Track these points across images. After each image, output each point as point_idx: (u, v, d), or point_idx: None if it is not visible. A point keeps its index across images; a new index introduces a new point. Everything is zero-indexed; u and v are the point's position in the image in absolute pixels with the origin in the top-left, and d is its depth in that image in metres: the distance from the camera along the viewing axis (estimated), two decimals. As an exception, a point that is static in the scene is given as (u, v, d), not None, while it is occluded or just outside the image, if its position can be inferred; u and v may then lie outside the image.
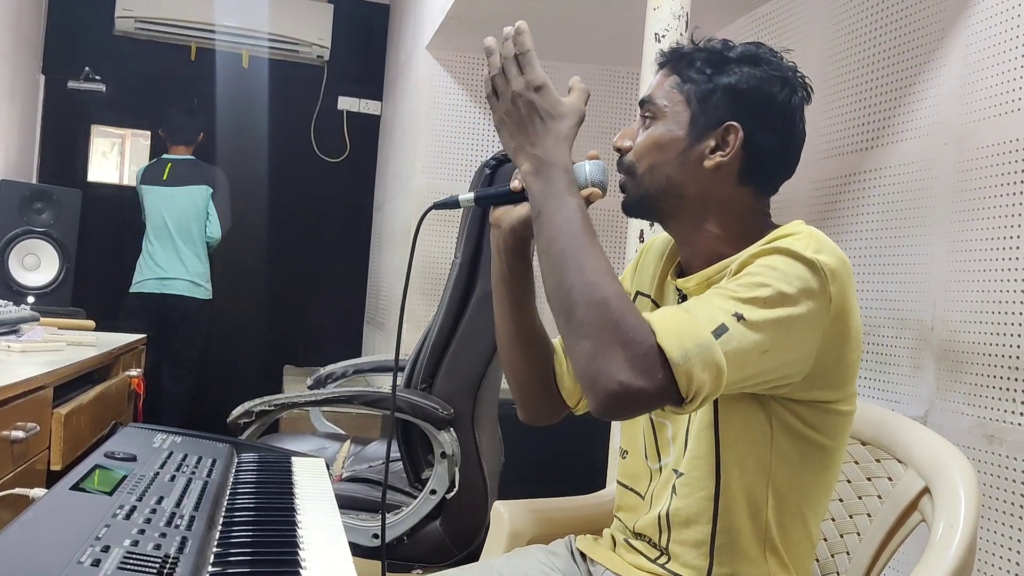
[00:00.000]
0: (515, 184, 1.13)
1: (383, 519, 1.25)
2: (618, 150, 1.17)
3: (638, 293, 1.28)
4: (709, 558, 1.11)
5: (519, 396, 1.29)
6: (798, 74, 1.14)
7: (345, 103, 4.99)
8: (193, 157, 4.33)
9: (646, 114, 1.15)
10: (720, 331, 0.94)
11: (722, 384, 0.94)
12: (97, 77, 4.57)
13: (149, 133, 4.80)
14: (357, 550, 1.79)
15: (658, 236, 1.31)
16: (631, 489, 1.24)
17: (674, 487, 1.14)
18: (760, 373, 0.99)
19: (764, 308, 0.96)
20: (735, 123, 1.10)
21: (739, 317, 0.95)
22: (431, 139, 3.59)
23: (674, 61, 1.16)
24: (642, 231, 1.67)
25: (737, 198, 1.13)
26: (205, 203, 4.26)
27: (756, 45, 1.15)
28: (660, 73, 1.18)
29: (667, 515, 1.14)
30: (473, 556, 1.92)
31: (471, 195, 1.17)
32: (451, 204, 1.16)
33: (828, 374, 1.05)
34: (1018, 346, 1.58)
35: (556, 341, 1.30)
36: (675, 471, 1.15)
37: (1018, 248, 1.60)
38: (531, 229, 1.12)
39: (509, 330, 1.24)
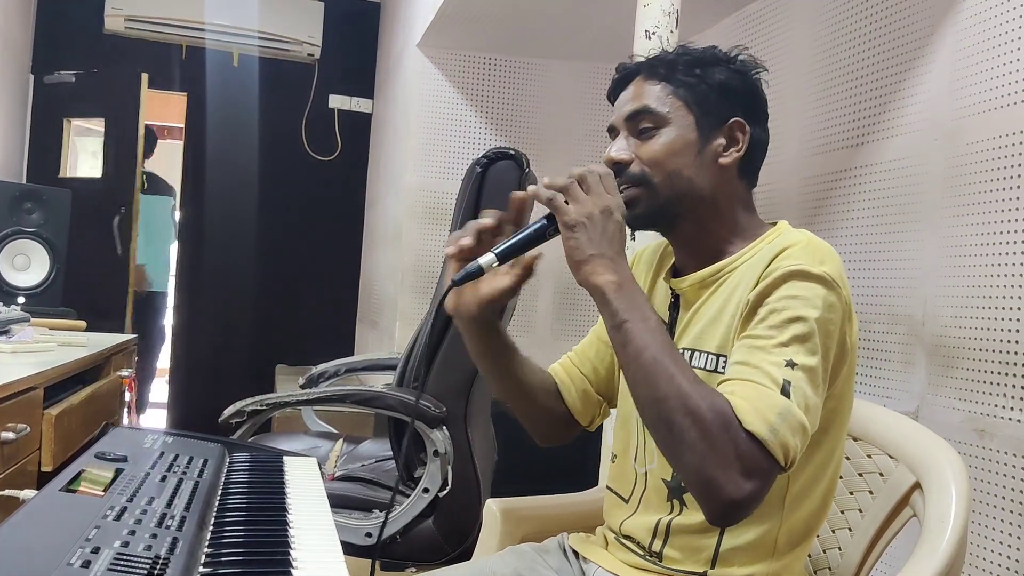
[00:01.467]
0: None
1: (387, 515, 1.25)
2: (617, 163, 1.15)
3: None
4: (712, 562, 1.11)
5: (532, 429, 1.31)
6: (757, 64, 1.19)
7: (336, 101, 4.98)
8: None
9: (645, 124, 1.14)
10: (786, 388, 0.97)
11: (808, 437, 0.98)
12: (66, 72, 4.53)
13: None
14: (350, 549, 1.78)
15: (648, 246, 1.33)
16: (615, 492, 1.25)
17: (682, 500, 1.14)
18: (822, 399, 1.02)
19: (806, 343, 1.00)
20: (740, 119, 1.14)
21: (792, 364, 0.98)
22: (422, 137, 3.59)
23: (652, 68, 1.16)
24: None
25: (738, 193, 1.17)
26: (170, 211, 4.96)
27: (712, 47, 1.18)
28: (637, 83, 1.17)
29: (668, 525, 1.14)
30: (466, 554, 1.92)
31: (492, 256, 1.06)
32: (475, 274, 1.06)
33: (840, 364, 1.08)
34: (1009, 341, 1.58)
35: (553, 368, 1.32)
36: (664, 480, 1.16)
37: (1008, 243, 1.60)
38: (495, 304, 1.11)
39: (508, 389, 1.25)
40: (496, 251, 1.06)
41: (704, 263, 1.15)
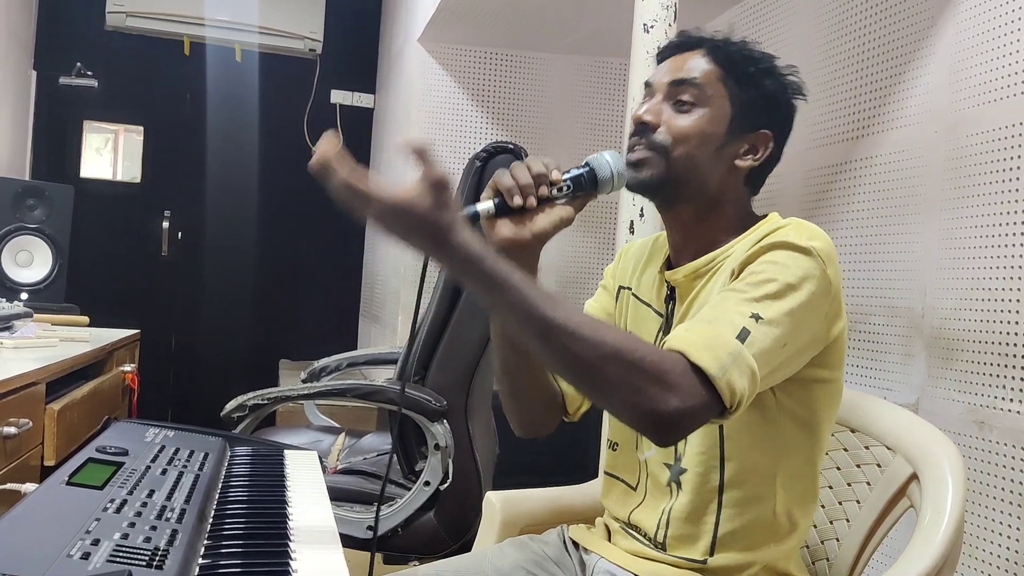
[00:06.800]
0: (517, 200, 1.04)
1: (378, 510, 1.26)
2: (643, 123, 1.14)
3: (620, 287, 1.30)
4: (711, 548, 1.12)
5: (524, 416, 1.26)
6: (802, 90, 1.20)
7: (338, 96, 4.97)
8: None
9: (685, 96, 1.13)
10: (743, 335, 0.96)
11: (757, 386, 0.96)
12: (89, 72, 4.56)
13: (142, 128, 4.79)
14: (351, 542, 1.79)
15: (635, 241, 1.35)
16: (621, 480, 1.25)
17: (678, 483, 1.15)
18: (782, 364, 1.02)
19: (776, 302, 0.99)
20: (768, 132, 1.16)
21: (757, 317, 0.98)
22: (424, 132, 3.59)
23: (714, 50, 1.16)
24: (632, 222, 1.68)
25: (740, 196, 1.18)
26: None
27: (771, 55, 1.18)
28: (695, 55, 1.16)
29: (669, 511, 1.15)
30: (467, 547, 1.93)
31: (491, 204, 1.04)
32: (471, 218, 1.03)
33: (827, 352, 1.09)
34: (1008, 332, 1.58)
35: None
36: (667, 465, 1.16)
37: (1008, 235, 1.60)
38: (548, 236, 1.06)
39: (525, 361, 1.18)
40: (496, 200, 1.05)
41: (698, 253, 1.16)
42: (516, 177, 1.04)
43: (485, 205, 1.05)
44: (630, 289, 1.27)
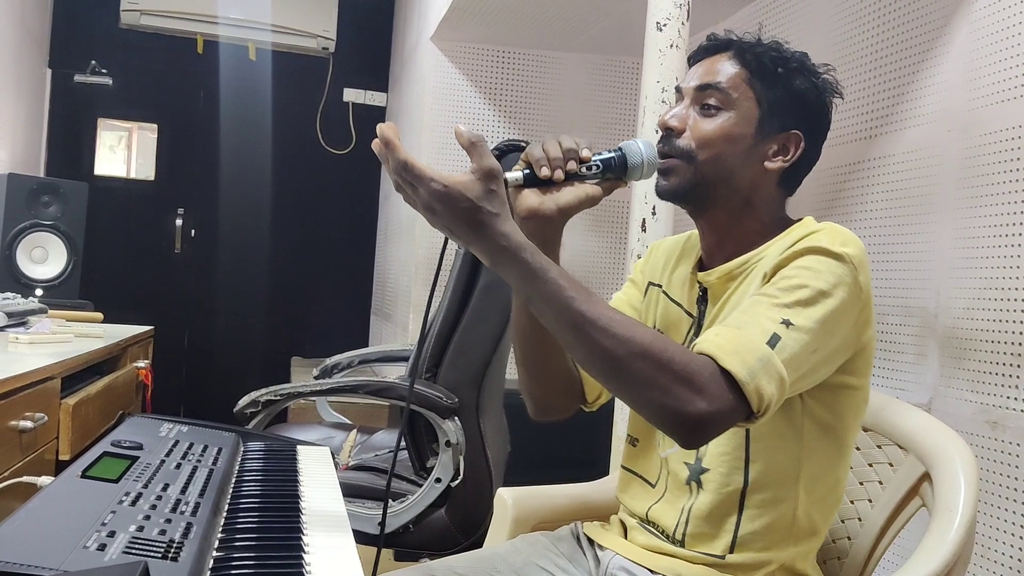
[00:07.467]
0: (556, 173, 1.05)
1: (385, 507, 1.26)
2: (669, 129, 1.15)
3: (649, 283, 1.29)
4: (730, 547, 1.12)
5: (540, 396, 1.26)
6: (837, 88, 1.19)
7: (351, 95, 4.99)
8: None
9: (710, 100, 1.14)
10: (774, 341, 0.96)
11: (785, 392, 0.97)
12: (103, 71, 4.59)
13: (156, 126, 4.82)
14: (362, 538, 1.80)
15: (666, 239, 1.34)
16: (640, 476, 1.25)
17: (699, 482, 1.15)
18: (811, 371, 1.02)
19: (807, 309, 0.99)
20: (799, 132, 1.15)
21: (787, 323, 0.98)
22: (436, 130, 3.60)
23: (740, 50, 1.16)
24: (644, 220, 1.68)
25: (773, 198, 1.18)
26: None
27: (804, 53, 1.18)
28: (721, 58, 1.16)
29: (690, 510, 1.15)
30: (478, 544, 1.93)
31: (520, 175, 1.05)
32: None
33: (855, 358, 1.09)
34: (1021, 332, 1.58)
35: None
36: (687, 463, 1.16)
37: (1022, 235, 1.60)
38: (572, 212, 1.07)
39: (544, 340, 1.18)
40: (526, 171, 1.06)
41: (732, 254, 1.16)
42: (547, 150, 1.06)
43: (514, 174, 1.06)
44: (660, 286, 1.27)
